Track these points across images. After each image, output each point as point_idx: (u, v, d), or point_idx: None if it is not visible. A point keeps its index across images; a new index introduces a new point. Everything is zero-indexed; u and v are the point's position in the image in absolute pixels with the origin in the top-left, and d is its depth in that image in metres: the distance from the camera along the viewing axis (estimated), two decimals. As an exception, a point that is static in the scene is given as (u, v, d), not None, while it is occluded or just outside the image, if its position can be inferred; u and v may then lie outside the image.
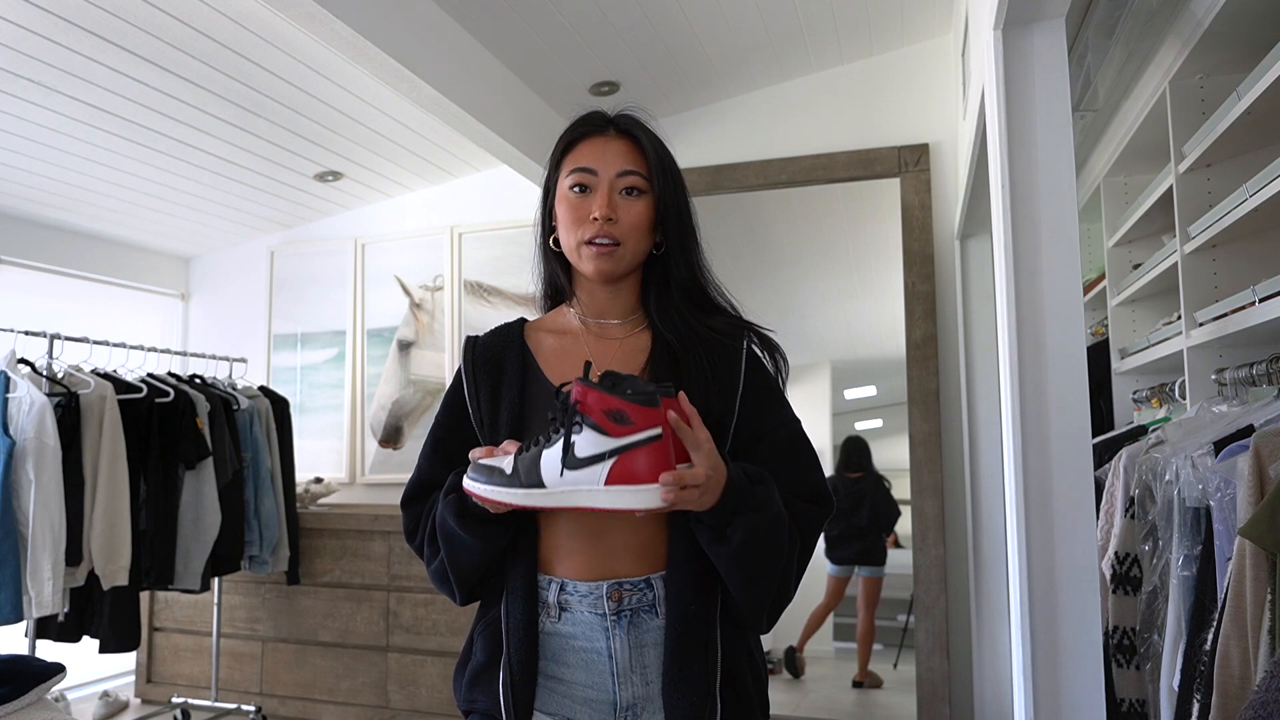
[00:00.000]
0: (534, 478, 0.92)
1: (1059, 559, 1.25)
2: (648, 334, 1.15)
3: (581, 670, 1.03)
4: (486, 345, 1.16)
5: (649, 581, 1.04)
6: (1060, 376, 1.28)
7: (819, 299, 3.75)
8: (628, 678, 1.02)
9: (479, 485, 0.96)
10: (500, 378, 1.12)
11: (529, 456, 0.94)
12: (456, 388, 1.15)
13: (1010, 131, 1.33)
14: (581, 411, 0.91)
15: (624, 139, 1.14)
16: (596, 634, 1.03)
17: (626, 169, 1.11)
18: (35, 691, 1.67)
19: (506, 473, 0.94)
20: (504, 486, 0.94)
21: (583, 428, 0.90)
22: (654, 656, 1.03)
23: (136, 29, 2.31)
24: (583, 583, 1.03)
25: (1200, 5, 1.62)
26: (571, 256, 1.13)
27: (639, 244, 1.12)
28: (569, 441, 0.91)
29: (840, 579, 3.65)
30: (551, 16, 2.53)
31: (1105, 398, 2.45)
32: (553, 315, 1.21)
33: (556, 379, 1.10)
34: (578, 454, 0.90)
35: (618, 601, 1.03)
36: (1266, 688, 0.94)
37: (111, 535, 2.70)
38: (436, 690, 3.23)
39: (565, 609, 1.04)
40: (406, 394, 3.80)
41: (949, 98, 3.04)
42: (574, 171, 1.12)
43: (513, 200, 3.62)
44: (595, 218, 1.08)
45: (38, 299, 3.72)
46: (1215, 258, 1.77)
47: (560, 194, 1.14)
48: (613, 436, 0.90)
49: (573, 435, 0.91)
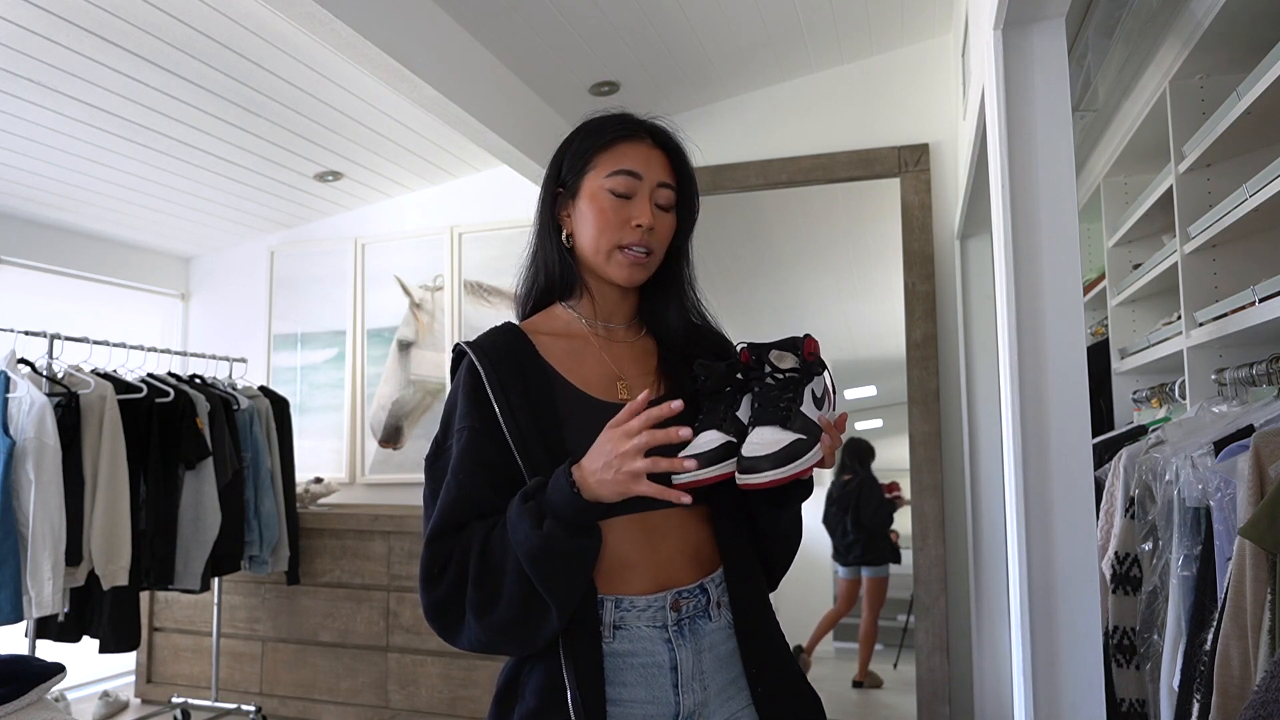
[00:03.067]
0: (814, 430, 0.99)
1: (1059, 559, 1.25)
2: (651, 337, 1.17)
3: (642, 687, 0.99)
4: (496, 348, 1.07)
5: (702, 587, 1.04)
6: (1060, 376, 1.28)
7: (819, 299, 3.75)
8: (689, 685, 1.00)
9: (782, 469, 0.94)
10: (526, 384, 1.04)
11: (797, 418, 0.98)
12: (478, 393, 1.03)
13: (1010, 131, 1.33)
14: (820, 359, 1.04)
15: (661, 151, 1.13)
16: (658, 647, 1.00)
17: (665, 182, 1.11)
18: (35, 691, 1.67)
19: (804, 439, 0.96)
20: (810, 450, 0.97)
21: (820, 371, 1.04)
22: (710, 660, 1.02)
23: (136, 29, 2.31)
24: (641, 597, 1.00)
25: (1200, 5, 1.62)
26: (597, 259, 1.09)
27: (662, 255, 1.14)
28: (811, 389, 1.02)
29: (851, 581, 3.66)
30: (551, 16, 2.53)
31: (1105, 398, 2.45)
32: (544, 318, 1.16)
33: (580, 383, 1.07)
34: (817, 395, 1.02)
35: (678, 611, 1.01)
36: (1266, 688, 0.94)
37: (111, 535, 2.70)
38: (436, 690, 3.23)
39: (621, 627, 0.99)
40: (406, 394, 3.80)
41: (949, 98, 3.04)
42: (619, 173, 1.08)
43: (513, 200, 3.62)
44: (638, 224, 1.07)
45: (38, 299, 3.72)
46: (1215, 258, 1.77)
47: (593, 192, 1.09)
48: (826, 369, 1.06)
49: (812, 382, 1.02)
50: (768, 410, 0.98)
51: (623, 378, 1.10)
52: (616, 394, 1.09)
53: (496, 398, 1.02)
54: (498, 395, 1.02)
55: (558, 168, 1.15)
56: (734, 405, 1.02)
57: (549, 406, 1.04)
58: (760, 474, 0.93)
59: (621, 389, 1.09)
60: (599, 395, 1.07)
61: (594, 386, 1.08)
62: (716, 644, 1.04)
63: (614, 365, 1.11)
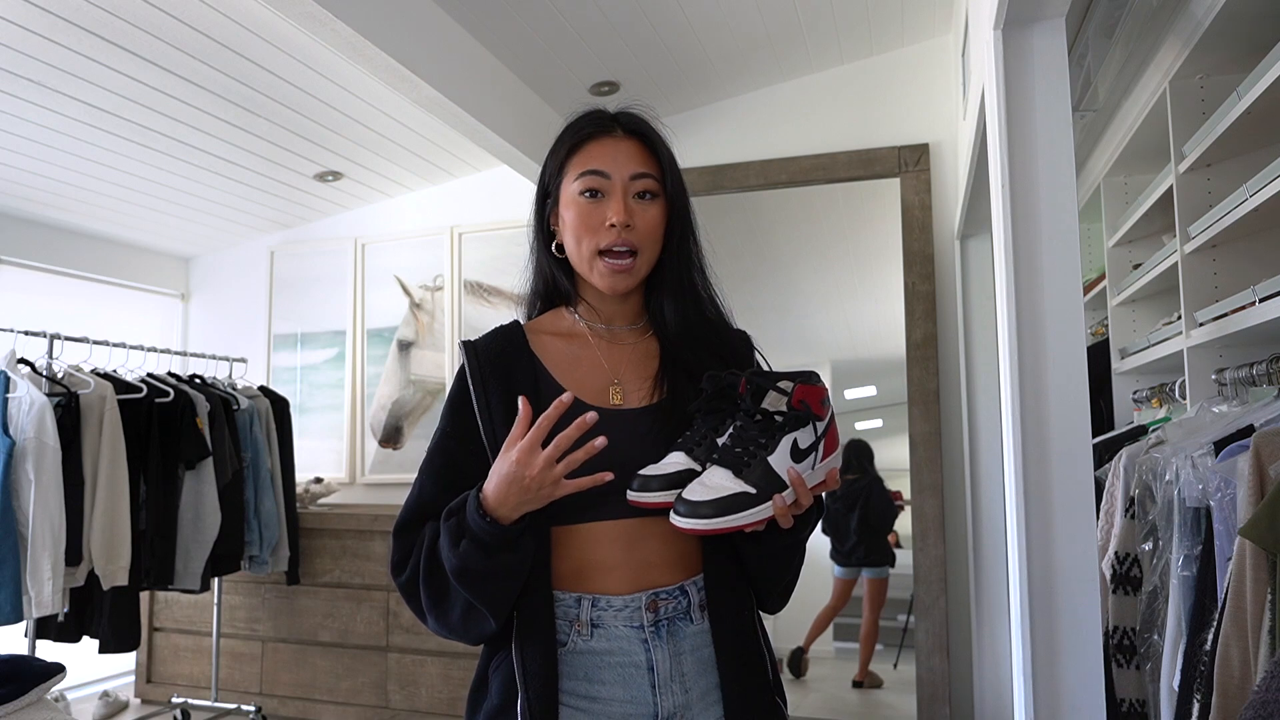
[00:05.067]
0: (776, 484, 0.93)
1: (1059, 559, 1.25)
2: (654, 339, 1.12)
3: (619, 686, 0.99)
4: (490, 349, 1.07)
5: (683, 589, 1.02)
6: (1060, 376, 1.28)
7: (819, 299, 3.75)
8: (668, 687, 0.99)
9: (716, 520, 0.90)
10: (510, 385, 1.03)
11: (757, 468, 0.92)
12: (461, 395, 1.06)
13: (1010, 131, 1.33)
14: (812, 410, 0.95)
15: (632, 139, 1.08)
16: (634, 647, 0.99)
17: (640, 171, 1.06)
18: (35, 691, 1.67)
19: (752, 493, 0.91)
20: (757, 506, 0.92)
21: (810, 423, 0.95)
22: (691, 664, 1.01)
23: (136, 29, 2.31)
24: (618, 596, 1.00)
25: (1200, 5, 1.62)
26: (582, 267, 1.07)
27: (654, 251, 1.08)
28: (795, 438, 0.95)
29: (847, 581, 3.65)
30: (551, 16, 2.53)
31: (1105, 398, 2.45)
32: (552, 318, 1.14)
33: (571, 386, 1.04)
34: (801, 446, 0.94)
35: (655, 612, 1.00)
36: (1266, 688, 0.94)
37: (111, 535, 2.70)
38: (436, 690, 3.23)
39: (598, 625, 0.99)
40: (406, 394, 3.80)
41: (949, 98, 3.04)
42: (584, 175, 1.05)
43: (513, 200, 3.62)
44: (612, 224, 1.03)
45: (38, 299, 3.72)
46: (1215, 258, 1.77)
47: (567, 198, 1.07)
48: (822, 420, 0.96)
49: (799, 431, 0.94)
50: (732, 451, 0.94)
51: (618, 381, 1.08)
52: (609, 399, 1.06)
53: (477, 398, 1.03)
54: (479, 396, 1.03)
55: (544, 180, 1.13)
56: (718, 431, 0.98)
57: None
58: (689, 519, 0.90)
59: (615, 393, 1.06)
60: (589, 400, 1.04)
61: (585, 390, 1.05)
62: (699, 647, 1.02)
63: (610, 368, 1.08)
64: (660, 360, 1.10)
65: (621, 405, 1.06)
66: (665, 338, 1.11)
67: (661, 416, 1.04)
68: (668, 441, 1.01)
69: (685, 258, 1.12)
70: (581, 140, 1.08)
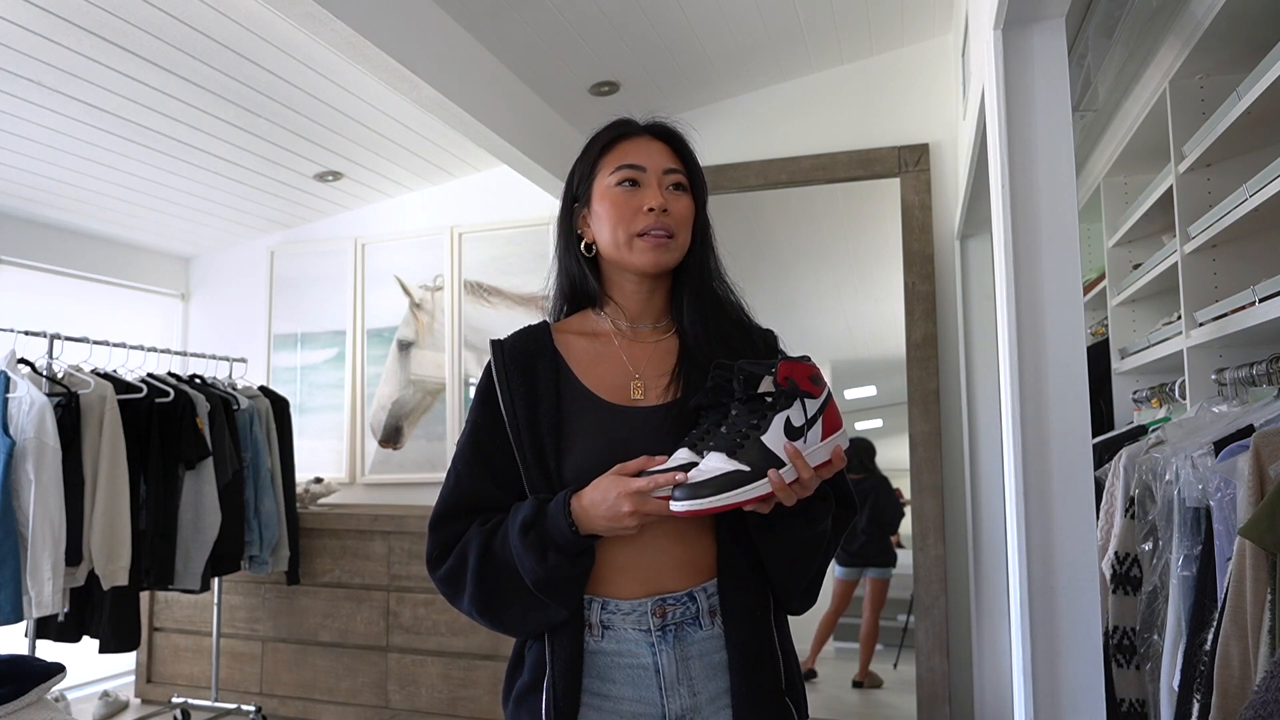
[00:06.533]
0: (772, 461, 0.93)
1: (1059, 559, 1.25)
2: (675, 338, 1.16)
3: (628, 686, 1.03)
4: (516, 347, 1.13)
5: (692, 594, 1.04)
6: (1060, 376, 1.28)
7: (819, 299, 3.75)
8: (675, 690, 1.02)
9: (712, 499, 0.91)
10: (534, 381, 1.09)
11: (751, 448, 0.93)
12: (488, 390, 1.11)
13: (1010, 131, 1.33)
14: (800, 386, 0.96)
15: (661, 141, 1.16)
16: (642, 650, 1.02)
17: (671, 166, 1.13)
18: (35, 691, 1.67)
19: (746, 470, 0.92)
20: (754, 482, 0.92)
21: (798, 399, 0.96)
22: (700, 668, 1.03)
23: (136, 29, 2.31)
24: (625, 601, 1.03)
25: (1200, 5, 1.62)
26: (618, 252, 1.11)
27: (686, 237, 1.13)
28: (788, 416, 0.96)
29: (848, 582, 3.65)
30: (551, 16, 2.53)
31: (1105, 398, 2.45)
32: (578, 319, 1.19)
33: (592, 384, 1.09)
34: (794, 424, 0.95)
35: (662, 617, 1.02)
36: (1266, 688, 0.94)
37: (111, 535, 2.70)
38: (436, 690, 3.23)
39: (608, 627, 1.03)
40: (406, 394, 3.80)
41: (949, 98, 3.04)
42: (621, 168, 1.12)
43: (513, 200, 3.62)
44: (650, 209, 1.09)
45: (38, 299, 3.72)
46: (1215, 258, 1.77)
47: (601, 192, 1.13)
48: (815, 397, 0.97)
49: (790, 409, 0.96)
50: (726, 436, 0.96)
51: (639, 378, 1.11)
52: (630, 394, 1.10)
53: (502, 394, 1.09)
54: (503, 391, 1.09)
55: (571, 185, 1.19)
56: (721, 424, 1.00)
57: (553, 405, 1.07)
58: (686, 502, 0.91)
59: (636, 388, 1.10)
60: (608, 396, 1.09)
61: (605, 387, 1.10)
62: (708, 652, 1.04)
63: (632, 366, 1.12)
64: (679, 357, 1.13)
65: (641, 401, 1.09)
66: (686, 335, 1.14)
67: (677, 412, 1.08)
68: (682, 437, 1.03)
69: (709, 255, 1.18)
70: (614, 140, 1.15)
